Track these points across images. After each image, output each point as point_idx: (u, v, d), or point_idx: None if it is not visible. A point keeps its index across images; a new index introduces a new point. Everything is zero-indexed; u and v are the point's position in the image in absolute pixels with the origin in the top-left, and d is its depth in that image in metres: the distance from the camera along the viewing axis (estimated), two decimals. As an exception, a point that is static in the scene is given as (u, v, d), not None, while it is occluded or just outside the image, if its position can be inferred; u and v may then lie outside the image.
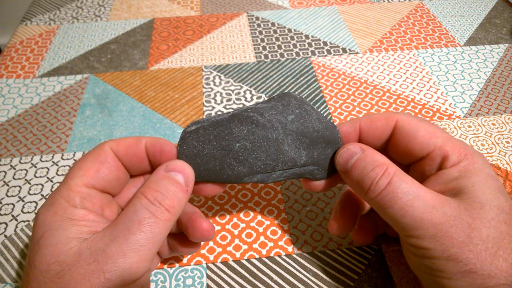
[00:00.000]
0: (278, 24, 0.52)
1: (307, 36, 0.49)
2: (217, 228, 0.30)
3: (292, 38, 0.49)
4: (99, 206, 0.22)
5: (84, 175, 0.21)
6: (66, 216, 0.20)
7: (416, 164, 0.24)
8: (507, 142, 0.36)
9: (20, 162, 0.35)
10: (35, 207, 0.32)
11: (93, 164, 0.22)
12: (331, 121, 0.30)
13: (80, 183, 0.21)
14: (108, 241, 0.19)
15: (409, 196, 0.20)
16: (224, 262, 0.28)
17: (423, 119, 0.24)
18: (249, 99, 0.41)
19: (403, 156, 0.24)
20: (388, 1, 0.56)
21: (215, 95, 0.41)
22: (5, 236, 0.30)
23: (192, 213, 0.24)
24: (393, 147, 0.24)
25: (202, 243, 0.28)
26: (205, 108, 0.40)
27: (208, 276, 0.27)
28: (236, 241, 0.29)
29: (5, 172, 0.34)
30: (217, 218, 0.31)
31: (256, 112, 0.23)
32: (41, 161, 0.35)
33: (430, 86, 0.42)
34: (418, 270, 0.22)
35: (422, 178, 0.23)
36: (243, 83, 0.43)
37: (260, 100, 0.40)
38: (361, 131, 0.24)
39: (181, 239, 0.25)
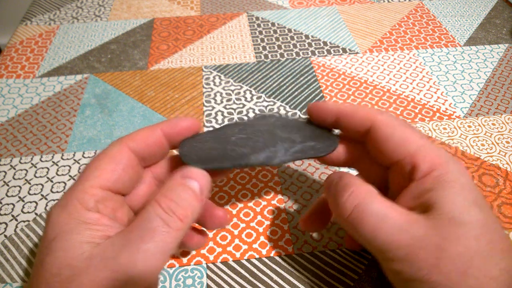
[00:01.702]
0: (278, 24, 0.52)
1: (307, 36, 0.49)
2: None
3: (292, 38, 0.49)
4: (112, 209, 0.22)
5: (100, 177, 0.21)
6: (80, 220, 0.20)
7: (394, 166, 0.23)
8: (507, 142, 0.36)
9: (20, 162, 0.35)
10: (35, 207, 0.32)
11: (109, 165, 0.22)
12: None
13: (96, 185, 0.21)
14: (119, 248, 0.19)
15: (377, 218, 0.20)
16: (224, 262, 0.28)
17: (404, 122, 0.23)
18: (249, 99, 0.41)
19: (379, 157, 0.24)
20: (388, 1, 0.56)
21: (215, 95, 0.41)
22: (5, 236, 0.30)
23: (205, 203, 0.24)
24: (370, 145, 0.24)
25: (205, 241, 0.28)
26: (205, 108, 0.40)
27: (208, 276, 0.27)
28: (236, 241, 0.29)
29: (5, 172, 0.34)
30: (217, 218, 0.31)
31: (241, 120, 0.27)
32: (41, 161, 0.35)
33: (430, 86, 0.42)
34: None
35: (402, 181, 0.23)
36: (243, 83, 0.43)
37: (260, 100, 0.40)
38: (341, 113, 0.24)
39: (187, 234, 0.25)
